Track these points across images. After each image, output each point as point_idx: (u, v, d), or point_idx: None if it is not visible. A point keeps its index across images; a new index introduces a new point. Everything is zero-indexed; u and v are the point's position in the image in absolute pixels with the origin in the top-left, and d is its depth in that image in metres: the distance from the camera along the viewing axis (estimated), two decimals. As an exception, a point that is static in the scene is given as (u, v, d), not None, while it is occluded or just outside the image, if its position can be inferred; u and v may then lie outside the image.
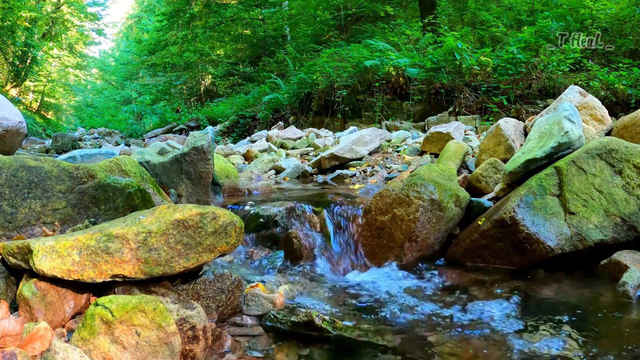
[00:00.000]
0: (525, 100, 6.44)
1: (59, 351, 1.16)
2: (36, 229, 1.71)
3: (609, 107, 4.47)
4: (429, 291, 2.03)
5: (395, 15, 13.29)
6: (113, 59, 30.70)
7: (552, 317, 1.73)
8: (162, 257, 1.48)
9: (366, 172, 4.08)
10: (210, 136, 2.83)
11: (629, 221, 2.18)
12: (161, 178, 2.74)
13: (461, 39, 7.32)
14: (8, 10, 16.53)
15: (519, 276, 2.16)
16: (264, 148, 5.55)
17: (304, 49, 12.63)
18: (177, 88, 17.67)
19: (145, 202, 2.03)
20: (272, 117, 9.39)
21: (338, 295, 1.99)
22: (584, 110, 2.91)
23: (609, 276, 2.07)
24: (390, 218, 2.42)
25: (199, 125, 11.40)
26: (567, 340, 1.55)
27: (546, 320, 1.70)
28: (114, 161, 2.30)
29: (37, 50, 19.85)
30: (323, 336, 1.57)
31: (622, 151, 2.31)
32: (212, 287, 1.66)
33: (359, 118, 7.73)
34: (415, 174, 2.62)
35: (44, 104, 22.85)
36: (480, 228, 2.32)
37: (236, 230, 1.62)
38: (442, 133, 4.34)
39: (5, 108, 2.29)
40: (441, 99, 7.10)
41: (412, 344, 1.56)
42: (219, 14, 15.40)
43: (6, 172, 1.69)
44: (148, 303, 1.30)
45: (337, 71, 8.07)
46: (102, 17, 24.79)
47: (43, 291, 1.36)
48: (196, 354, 1.40)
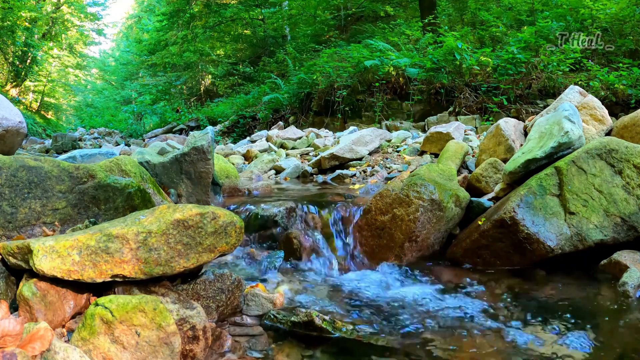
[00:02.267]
0: (525, 100, 6.44)
1: (59, 351, 1.16)
2: (36, 229, 1.71)
3: (609, 107, 4.47)
4: (429, 291, 2.03)
5: (395, 15, 13.29)
6: (113, 59, 30.70)
7: (552, 317, 1.73)
8: (162, 257, 1.48)
9: (366, 172, 4.08)
10: (210, 136, 2.83)
11: (629, 221, 2.18)
12: (161, 178, 2.74)
13: (461, 39, 7.32)
14: (8, 10, 16.53)
15: (519, 276, 2.16)
16: (264, 148, 5.55)
17: (304, 49, 12.63)
18: (177, 88, 17.67)
19: (145, 202, 2.03)
20: (272, 117, 9.39)
21: (338, 295, 1.99)
22: (584, 110, 2.91)
23: (609, 276, 2.07)
24: (390, 218, 2.42)
25: (199, 125, 11.40)
26: (567, 340, 1.55)
27: (546, 320, 1.71)
28: (114, 161, 2.30)
29: (37, 50, 19.85)
30: (323, 336, 1.57)
31: (622, 151, 2.31)
32: (212, 287, 1.66)
33: (359, 118, 7.72)
34: (415, 174, 2.62)
35: (44, 104, 22.84)
36: (480, 228, 2.32)
37: (236, 230, 1.62)
38: (442, 133, 4.34)
39: (5, 108, 2.29)
40: (441, 99, 7.10)
41: (412, 344, 1.56)
42: (219, 14, 15.40)
43: (6, 172, 1.69)
44: (148, 303, 1.30)
45: (337, 71, 8.07)
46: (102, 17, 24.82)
47: (43, 291, 1.36)
48: (196, 354, 1.40)
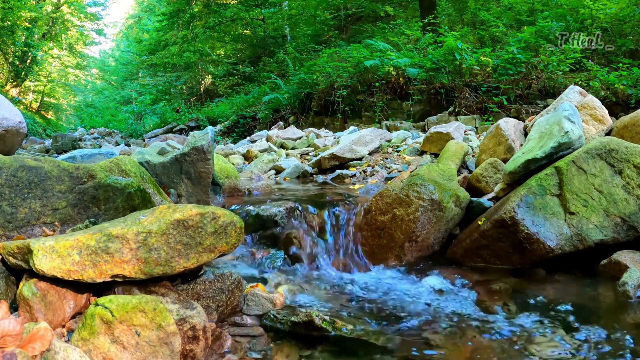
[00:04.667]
0: (525, 100, 6.43)
1: (59, 351, 1.16)
2: (36, 229, 1.71)
3: (609, 107, 4.47)
4: (429, 291, 2.03)
5: (395, 15, 13.29)
6: (113, 59, 30.70)
7: (552, 317, 1.73)
8: (162, 257, 1.48)
9: (366, 172, 4.08)
10: (210, 136, 2.83)
11: (629, 221, 2.18)
12: (161, 178, 2.74)
13: (461, 39, 7.31)
14: (8, 10, 16.52)
15: (519, 276, 2.17)
16: (264, 148, 5.54)
17: (304, 49, 12.62)
18: (177, 88, 17.67)
19: (145, 202, 2.03)
20: (272, 117, 9.38)
21: (338, 295, 1.99)
22: (584, 110, 2.91)
23: (609, 276, 2.07)
24: (390, 218, 2.42)
25: (199, 125, 11.39)
26: (567, 340, 1.55)
27: (546, 320, 1.71)
28: (114, 161, 2.30)
29: (37, 50, 19.84)
30: (323, 336, 1.57)
31: (622, 151, 2.31)
32: (212, 287, 1.66)
33: (359, 118, 7.72)
34: (415, 174, 2.62)
35: (44, 104, 22.83)
36: (480, 228, 2.32)
37: (236, 230, 1.62)
38: (442, 133, 4.34)
39: (5, 108, 2.29)
40: (441, 99, 7.09)
41: (412, 344, 1.56)
42: (219, 14, 15.39)
43: (6, 172, 1.69)
44: (148, 303, 1.30)
45: (337, 71, 8.06)
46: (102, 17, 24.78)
47: (43, 291, 1.36)
48: (196, 354, 1.40)
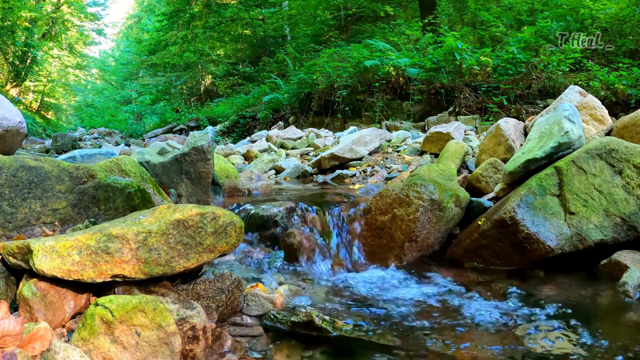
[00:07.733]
0: (525, 100, 6.43)
1: (59, 351, 1.16)
2: (36, 229, 1.71)
3: (609, 107, 4.47)
4: (429, 291, 2.03)
5: (395, 15, 13.29)
6: (113, 59, 30.69)
7: (552, 317, 1.73)
8: (162, 257, 1.48)
9: (366, 172, 4.08)
10: (210, 136, 2.83)
11: (629, 221, 2.18)
12: (161, 178, 2.74)
13: (461, 39, 7.31)
14: (8, 10, 16.51)
15: (519, 276, 2.17)
16: (264, 148, 5.54)
17: (304, 49, 12.62)
18: (177, 88, 17.66)
19: (145, 202, 2.03)
20: (272, 117, 9.38)
21: (338, 295, 1.99)
22: (584, 110, 2.91)
23: (609, 276, 2.07)
24: (390, 218, 2.42)
25: (199, 125, 11.39)
26: (567, 340, 1.55)
27: (546, 320, 1.71)
28: (114, 161, 2.30)
29: (37, 50, 19.83)
30: (323, 336, 1.57)
31: (622, 151, 2.31)
32: (212, 287, 1.66)
33: (359, 118, 7.72)
34: (415, 174, 2.62)
35: (44, 104, 22.82)
36: (480, 228, 2.32)
37: (236, 230, 1.62)
38: (442, 133, 4.34)
39: (5, 108, 2.29)
40: (441, 99, 7.09)
41: (413, 344, 1.56)
42: (219, 14, 15.39)
43: (6, 172, 1.69)
44: (148, 303, 1.30)
45: (337, 71, 8.06)
46: (102, 17, 24.77)
47: (43, 291, 1.36)
48: (196, 354, 1.40)
